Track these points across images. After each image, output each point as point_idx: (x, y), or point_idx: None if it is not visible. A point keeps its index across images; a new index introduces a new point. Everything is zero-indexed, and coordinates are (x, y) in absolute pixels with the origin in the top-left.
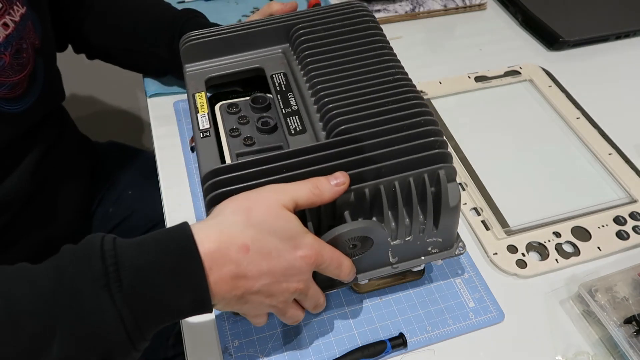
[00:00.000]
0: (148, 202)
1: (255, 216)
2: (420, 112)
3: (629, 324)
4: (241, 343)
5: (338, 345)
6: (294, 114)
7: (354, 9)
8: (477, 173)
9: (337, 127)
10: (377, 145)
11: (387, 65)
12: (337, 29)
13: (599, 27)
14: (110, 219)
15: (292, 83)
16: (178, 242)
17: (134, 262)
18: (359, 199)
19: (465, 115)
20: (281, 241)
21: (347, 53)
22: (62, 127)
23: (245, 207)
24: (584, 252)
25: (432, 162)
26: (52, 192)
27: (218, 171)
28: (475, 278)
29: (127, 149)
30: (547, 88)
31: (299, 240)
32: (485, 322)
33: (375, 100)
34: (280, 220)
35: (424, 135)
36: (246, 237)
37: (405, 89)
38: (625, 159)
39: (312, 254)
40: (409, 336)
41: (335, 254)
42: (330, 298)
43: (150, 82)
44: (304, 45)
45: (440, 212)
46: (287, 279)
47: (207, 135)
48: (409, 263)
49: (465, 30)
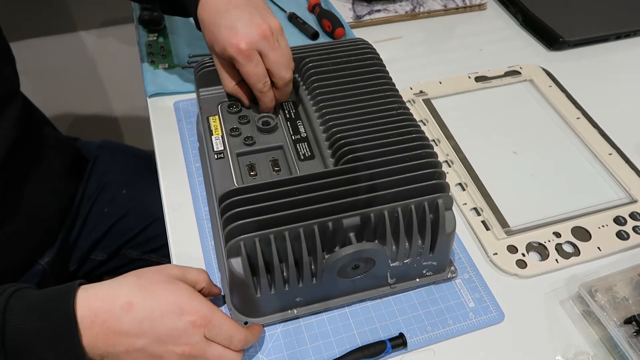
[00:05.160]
0: (143, 201)
1: (146, 277)
2: (422, 145)
3: (629, 324)
4: None
5: (338, 345)
6: (302, 140)
7: (359, 46)
8: (477, 173)
9: (346, 155)
10: (383, 174)
11: (391, 100)
12: (344, 63)
13: (599, 27)
14: (105, 219)
15: (301, 111)
16: (58, 307)
17: (17, 327)
18: (364, 222)
19: (465, 115)
20: (167, 303)
21: (354, 87)
22: (28, 125)
23: (138, 272)
24: (584, 252)
25: (432, 191)
26: (17, 192)
27: (234, 192)
28: (475, 278)
29: (121, 148)
30: (547, 88)
31: (187, 304)
32: (485, 322)
33: (381, 132)
34: (169, 285)
35: (425, 167)
36: (132, 295)
37: (407, 123)
38: (625, 159)
39: (198, 319)
40: (409, 336)
41: (226, 324)
42: None
43: (151, 82)
44: (313, 78)
45: (437, 238)
46: (173, 341)
47: (222, 157)
48: (405, 284)
49: (465, 30)
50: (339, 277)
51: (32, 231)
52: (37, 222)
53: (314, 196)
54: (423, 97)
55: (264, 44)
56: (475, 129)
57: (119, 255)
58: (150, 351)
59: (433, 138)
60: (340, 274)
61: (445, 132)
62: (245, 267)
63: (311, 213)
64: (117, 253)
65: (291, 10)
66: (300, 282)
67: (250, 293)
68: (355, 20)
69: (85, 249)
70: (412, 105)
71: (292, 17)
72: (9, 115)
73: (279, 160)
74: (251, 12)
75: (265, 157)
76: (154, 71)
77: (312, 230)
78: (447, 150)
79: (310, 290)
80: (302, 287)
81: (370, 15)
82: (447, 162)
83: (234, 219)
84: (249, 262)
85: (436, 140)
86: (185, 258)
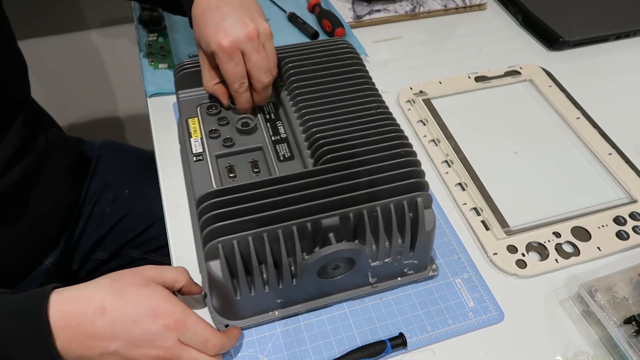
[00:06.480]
0: (145, 201)
1: (121, 281)
2: (401, 144)
3: (628, 324)
4: (241, 343)
5: (338, 345)
6: (282, 141)
7: (339, 46)
8: (477, 173)
9: (325, 155)
10: (362, 174)
11: (370, 99)
12: (323, 63)
13: (599, 27)
14: (107, 219)
15: (281, 112)
16: (32, 311)
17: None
18: (343, 222)
19: (465, 115)
20: (141, 307)
21: (333, 87)
22: (35, 128)
23: (113, 276)
24: (584, 252)
25: (411, 190)
26: (24, 193)
27: (212, 194)
28: (475, 278)
29: (123, 147)
30: (547, 88)
31: (161, 307)
32: (485, 322)
33: (360, 132)
34: (144, 288)
35: (404, 166)
36: (106, 299)
37: (386, 122)
38: (625, 159)
39: (171, 322)
40: (409, 336)
41: (201, 328)
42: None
43: (150, 82)
44: (293, 78)
45: (417, 236)
46: (147, 344)
47: (201, 159)
48: (387, 283)
49: (465, 30)
50: (319, 277)
51: (37, 232)
52: (42, 223)
53: (293, 197)
54: (423, 97)
55: (248, 44)
56: (475, 129)
57: (120, 255)
58: (124, 354)
59: (433, 138)
60: (321, 274)
61: (445, 132)
62: (224, 270)
63: (290, 214)
64: (118, 253)
65: (291, 10)
66: (280, 283)
67: (229, 296)
68: (355, 20)
69: (87, 248)
70: (412, 105)
71: (292, 17)
72: (18, 121)
73: (258, 161)
74: (241, 12)
75: (245, 158)
76: (154, 71)
77: (291, 231)
78: (447, 150)
79: (290, 292)
80: (282, 288)
81: (370, 15)
82: (447, 162)
83: (212, 221)
84: (228, 265)
85: (436, 140)
86: (185, 259)
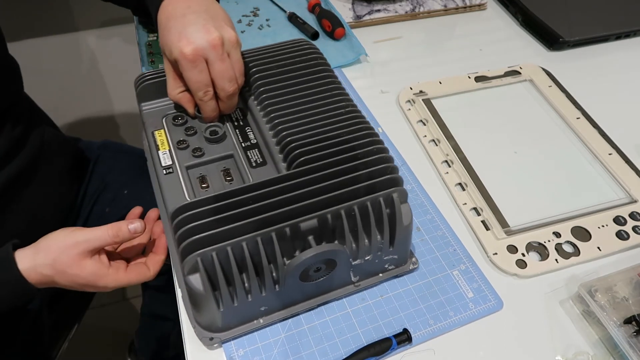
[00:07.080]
0: (144, 200)
1: (58, 265)
2: (373, 141)
3: (628, 324)
4: (246, 352)
5: (344, 346)
6: (253, 147)
7: (302, 47)
8: (477, 173)
9: (298, 158)
10: (336, 174)
11: (338, 98)
12: (288, 65)
13: (599, 27)
14: (106, 219)
15: (250, 118)
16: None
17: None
18: (322, 224)
19: (465, 115)
20: (75, 285)
21: (300, 88)
22: (29, 126)
23: (54, 260)
24: (584, 252)
25: (386, 186)
26: (20, 192)
27: (186, 207)
28: (472, 269)
29: (122, 147)
30: (547, 88)
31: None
32: (485, 310)
33: (331, 132)
34: (75, 269)
35: (378, 162)
36: (48, 275)
37: (357, 120)
38: (625, 159)
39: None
40: (413, 331)
41: (118, 284)
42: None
43: None
44: (259, 82)
45: (395, 231)
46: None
47: (171, 172)
48: (369, 280)
49: (465, 30)
50: (302, 281)
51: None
52: (39, 223)
53: (269, 203)
54: (423, 97)
55: (211, 52)
56: (475, 129)
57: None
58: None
59: (433, 138)
60: (303, 278)
61: (445, 132)
62: (205, 283)
63: (267, 220)
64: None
65: (291, 10)
66: (263, 290)
67: (212, 308)
68: (355, 20)
69: None
70: (412, 105)
71: (292, 17)
72: (11, 118)
73: (230, 169)
74: (206, 20)
75: (216, 167)
76: None
77: (270, 238)
78: (447, 150)
79: (274, 298)
80: (265, 295)
81: (370, 15)
82: (447, 162)
83: (188, 234)
84: (208, 277)
85: (436, 140)
86: None
